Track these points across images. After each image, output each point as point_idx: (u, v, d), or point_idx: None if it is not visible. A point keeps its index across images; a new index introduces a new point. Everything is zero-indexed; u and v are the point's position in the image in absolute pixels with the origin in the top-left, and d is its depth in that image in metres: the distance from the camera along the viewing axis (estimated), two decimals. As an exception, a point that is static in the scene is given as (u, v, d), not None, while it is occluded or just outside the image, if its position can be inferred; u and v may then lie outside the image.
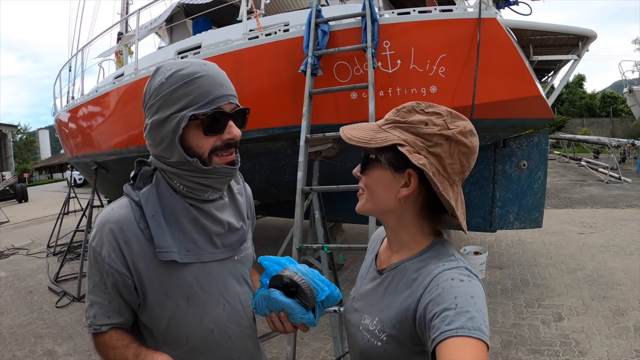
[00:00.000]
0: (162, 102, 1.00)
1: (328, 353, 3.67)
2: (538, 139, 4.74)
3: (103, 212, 1.06)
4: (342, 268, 5.89)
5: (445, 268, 0.85)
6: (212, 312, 1.10)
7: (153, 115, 1.02)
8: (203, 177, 1.04)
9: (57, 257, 7.82)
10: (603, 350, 3.41)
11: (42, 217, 14.54)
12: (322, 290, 1.07)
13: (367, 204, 0.97)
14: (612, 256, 5.75)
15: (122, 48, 7.63)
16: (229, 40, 4.41)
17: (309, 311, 1.07)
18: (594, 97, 35.48)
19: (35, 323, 4.87)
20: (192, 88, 0.97)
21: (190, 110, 0.97)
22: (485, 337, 0.71)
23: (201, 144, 1.01)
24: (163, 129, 1.01)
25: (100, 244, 1.01)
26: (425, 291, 0.83)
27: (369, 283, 1.04)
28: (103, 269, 1.02)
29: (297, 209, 3.19)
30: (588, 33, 4.19)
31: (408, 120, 0.88)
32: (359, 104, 3.90)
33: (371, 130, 0.93)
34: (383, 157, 0.91)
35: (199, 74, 0.98)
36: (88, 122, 6.93)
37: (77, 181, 25.02)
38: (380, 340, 0.90)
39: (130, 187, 1.09)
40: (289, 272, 1.08)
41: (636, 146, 15.32)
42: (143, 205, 1.03)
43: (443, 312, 0.75)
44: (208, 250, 1.09)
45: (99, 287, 1.05)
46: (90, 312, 1.07)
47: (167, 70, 1.00)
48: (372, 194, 0.95)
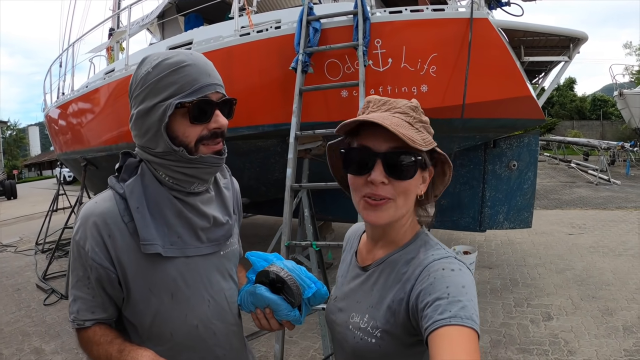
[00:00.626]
0: (148, 91, 0.98)
1: (317, 352, 3.65)
2: (528, 139, 4.76)
3: (87, 206, 1.03)
4: (332, 267, 5.87)
5: (435, 258, 0.86)
6: (196, 308, 1.08)
7: (139, 105, 1.00)
8: (189, 167, 1.02)
9: (46, 255, 7.75)
10: (592, 350, 3.43)
11: (31, 214, 14.38)
12: (308, 287, 1.06)
13: (397, 213, 0.89)
14: (600, 257, 5.80)
15: (113, 44, 7.55)
16: (220, 37, 4.38)
17: (295, 308, 1.05)
18: (585, 100, 35.83)
19: (23, 321, 4.81)
20: (179, 76, 0.96)
21: (177, 99, 0.96)
22: (477, 326, 0.72)
23: (187, 133, 1.00)
24: (149, 118, 0.99)
25: (83, 238, 0.99)
26: (416, 282, 0.84)
27: (352, 281, 1.03)
28: (86, 263, 0.99)
29: (285, 206, 3.18)
30: (579, 35, 4.21)
31: (425, 120, 0.91)
32: (349, 102, 3.89)
33: (411, 129, 0.86)
34: (426, 158, 0.89)
35: (186, 63, 0.97)
36: (78, 118, 6.86)
37: (67, 178, 24.80)
38: (374, 336, 0.89)
39: (115, 179, 1.06)
40: (275, 267, 1.07)
41: (626, 149, 15.48)
42: (128, 197, 1.01)
43: (435, 302, 0.75)
44: (192, 244, 1.06)
45: (82, 281, 1.02)
46: (74, 307, 1.04)
47: (154, 59, 0.99)
48: (407, 199, 0.89)
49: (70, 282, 1.06)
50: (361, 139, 0.89)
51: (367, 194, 0.88)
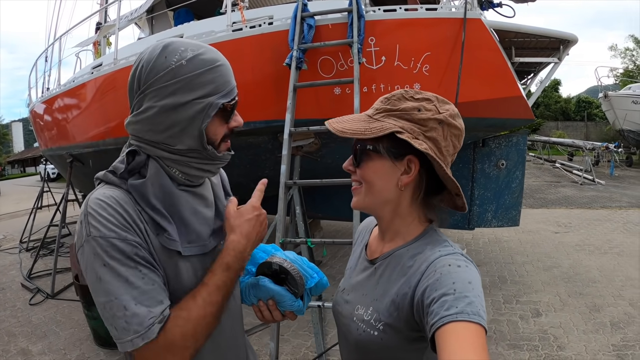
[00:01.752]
0: (181, 85, 0.90)
1: (309, 349, 3.65)
2: (517, 139, 4.82)
3: (92, 199, 0.88)
4: (321, 264, 5.87)
5: (442, 254, 0.85)
6: None
7: (164, 98, 0.90)
8: (209, 163, 1.00)
9: (31, 253, 7.61)
10: (581, 345, 3.49)
11: (15, 211, 14.12)
12: (311, 277, 1.05)
13: (366, 198, 0.95)
14: (587, 255, 5.90)
15: (100, 38, 7.44)
16: (212, 32, 4.35)
17: (298, 298, 1.04)
18: (569, 102, 36.39)
19: (8, 321, 4.71)
20: (215, 76, 0.93)
21: (217, 98, 0.94)
22: (484, 322, 0.71)
23: (218, 132, 0.99)
24: (178, 114, 0.91)
25: (110, 227, 0.84)
26: (422, 277, 0.83)
27: (360, 273, 1.03)
28: (128, 250, 0.85)
29: (280, 203, 3.16)
30: (569, 37, 4.27)
31: (400, 108, 0.89)
32: (342, 100, 3.89)
33: (362, 121, 0.91)
34: (381, 146, 0.90)
35: (220, 62, 0.95)
36: (64, 113, 6.74)
37: (51, 175, 24.36)
38: (377, 329, 0.89)
39: (114, 176, 0.95)
40: (278, 259, 1.05)
41: (610, 150, 15.76)
42: (138, 198, 0.92)
43: (442, 297, 0.74)
44: (207, 240, 1.02)
45: (135, 275, 0.84)
46: (142, 312, 0.82)
47: (183, 50, 0.91)
48: (371, 186, 0.93)
49: (114, 293, 0.82)
50: None
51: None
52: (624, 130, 18.17)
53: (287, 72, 3.72)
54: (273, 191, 3.31)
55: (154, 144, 0.95)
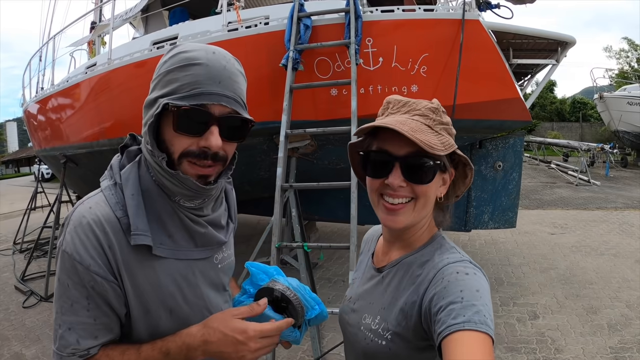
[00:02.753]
0: (157, 81, 0.89)
1: (305, 353, 3.61)
2: (513, 140, 4.80)
3: (79, 211, 0.88)
4: (317, 267, 5.84)
5: (450, 261, 0.84)
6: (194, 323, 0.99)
7: (150, 94, 0.91)
8: (167, 179, 0.90)
9: (24, 255, 7.53)
10: (578, 348, 3.48)
11: (9, 212, 13.98)
12: (312, 309, 1.02)
13: (415, 215, 0.89)
14: (583, 256, 5.90)
15: (95, 38, 7.38)
16: (207, 32, 4.30)
17: (296, 328, 1.01)
18: (564, 102, 36.56)
19: (1, 324, 4.65)
20: (184, 74, 0.85)
21: (170, 98, 0.85)
22: (491, 331, 0.71)
23: (173, 142, 0.88)
24: (149, 110, 0.90)
25: (80, 250, 0.84)
26: (430, 285, 0.83)
27: (367, 282, 1.02)
28: (85, 279, 0.84)
29: (276, 206, 3.13)
30: (567, 39, 4.26)
31: (446, 122, 0.89)
32: (338, 101, 3.86)
33: (430, 133, 0.85)
34: (446, 162, 0.89)
35: (198, 61, 0.85)
36: (58, 113, 6.67)
37: (45, 175, 24.23)
38: (385, 339, 0.88)
39: (117, 162, 0.97)
40: (280, 285, 1.01)
41: (605, 150, 15.81)
42: (123, 184, 0.91)
43: (449, 306, 0.74)
44: (185, 247, 0.97)
45: (80, 303, 0.85)
46: (70, 338, 0.85)
47: (178, 49, 0.89)
48: (427, 202, 0.89)
49: (60, 307, 0.86)
50: (380, 141, 0.89)
51: (386, 197, 0.89)
52: (619, 131, 18.26)
53: (283, 73, 3.68)
54: (267, 193, 3.28)
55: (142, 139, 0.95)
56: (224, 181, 1.05)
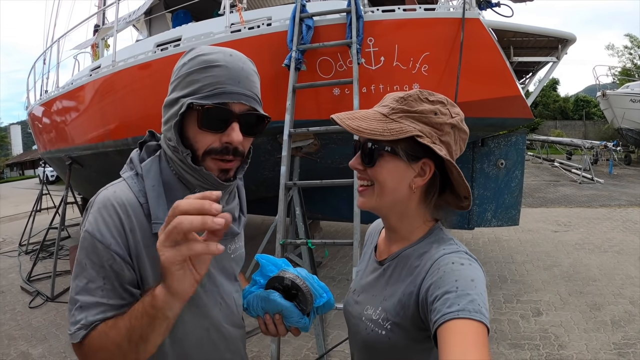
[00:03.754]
0: (177, 82, 0.94)
1: (310, 351, 3.64)
2: (516, 138, 4.82)
3: (103, 194, 0.93)
4: (321, 265, 5.87)
5: (446, 252, 0.86)
6: (210, 310, 1.04)
7: (169, 94, 0.96)
8: (190, 174, 0.96)
9: (30, 256, 7.59)
10: (582, 344, 3.49)
11: (14, 214, 14.08)
12: (320, 296, 1.06)
13: (377, 199, 0.93)
14: (586, 253, 5.90)
15: (98, 41, 7.43)
16: (210, 33, 4.34)
17: (305, 315, 1.05)
18: (567, 101, 36.47)
19: (8, 324, 4.69)
20: (205, 75, 0.90)
21: (193, 98, 0.90)
22: (486, 320, 0.72)
23: (197, 139, 0.93)
24: (170, 109, 0.95)
25: (102, 228, 0.87)
26: (426, 275, 0.84)
27: (370, 275, 1.04)
28: (104, 258, 0.86)
29: (280, 204, 3.16)
30: (568, 36, 4.27)
31: (418, 110, 0.88)
32: (341, 100, 3.89)
33: (378, 121, 0.89)
34: (399, 148, 0.89)
35: (218, 63, 0.90)
36: (62, 115, 6.73)
37: (50, 178, 24.31)
38: (385, 328, 0.90)
39: (137, 155, 1.02)
40: (290, 274, 1.05)
41: (608, 148, 15.78)
42: (144, 175, 0.96)
43: (444, 295, 0.75)
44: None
45: (96, 282, 0.86)
46: (80, 316, 0.85)
47: (196, 52, 0.94)
48: (383, 187, 0.92)
49: (75, 286, 0.87)
50: None
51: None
52: (623, 128, 18.20)
53: (286, 73, 3.71)
54: (271, 193, 3.31)
55: (163, 134, 1.00)
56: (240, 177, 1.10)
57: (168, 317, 0.78)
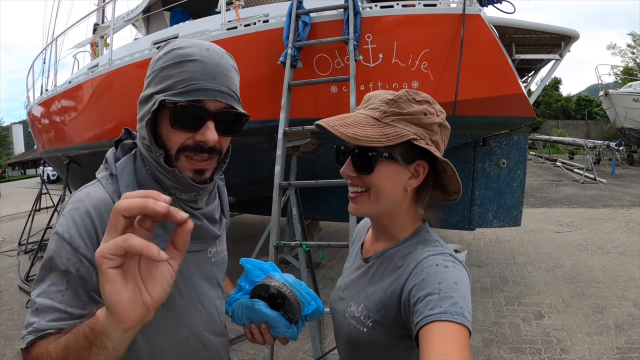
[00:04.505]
0: (152, 78, 0.90)
1: (307, 354, 3.58)
2: (518, 138, 4.75)
3: (76, 195, 0.89)
4: (320, 266, 5.80)
5: (430, 254, 0.86)
6: (188, 318, 0.99)
7: (144, 90, 0.92)
8: (164, 175, 0.91)
9: (29, 256, 7.54)
10: (585, 348, 3.41)
11: (14, 214, 14.08)
12: (308, 304, 1.02)
13: (371, 205, 0.91)
14: (589, 255, 5.82)
15: (97, 39, 7.38)
16: (206, 31, 4.29)
17: (292, 324, 1.01)
18: (570, 100, 36.34)
19: (5, 324, 4.65)
20: (178, 71, 0.86)
21: (165, 95, 0.85)
22: (468, 323, 0.71)
23: (170, 137, 0.88)
24: (144, 106, 0.91)
25: (72, 230, 0.82)
26: (410, 276, 0.84)
27: (355, 271, 1.05)
28: (70, 261, 0.80)
29: (274, 205, 3.10)
30: (571, 33, 4.20)
31: (409, 112, 0.86)
32: (338, 98, 3.83)
33: (372, 126, 0.86)
34: (397, 153, 0.87)
35: (193, 57, 0.86)
36: (60, 115, 6.69)
37: (51, 177, 24.37)
38: (366, 326, 0.90)
39: (112, 155, 0.98)
40: (275, 282, 1.01)
41: (611, 148, 15.68)
42: (119, 175, 0.92)
43: (427, 297, 0.75)
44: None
45: (58, 286, 0.81)
46: (33, 319, 0.79)
47: (171, 45, 0.90)
48: (379, 192, 0.89)
49: (38, 287, 0.82)
50: None
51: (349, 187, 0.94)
52: (625, 128, 18.10)
53: (282, 71, 3.65)
54: (269, 192, 3.25)
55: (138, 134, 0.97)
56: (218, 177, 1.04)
57: (106, 347, 0.61)
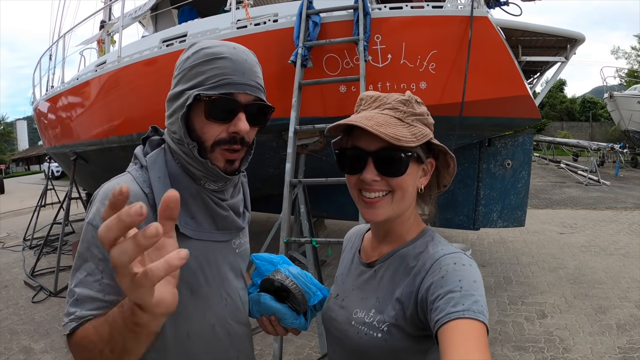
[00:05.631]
0: (181, 76, 0.96)
1: (313, 350, 3.62)
2: (523, 139, 4.78)
3: (107, 186, 0.92)
4: (325, 264, 5.84)
5: (446, 252, 0.86)
6: (214, 306, 1.03)
7: (173, 88, 0.97)
8: (196, 167, 0.96)
9: (34, 251, 7.59)
10: (587, 347, 3.45)
11: (19, 209, 14.13)
12: (314, 295, 1.05)
13: (396, 208, 0.90)
14: (592, 256, 5.85)
15: (104, 36, 7.43)
16: (216, 29, 4.32)
17: (301, 315, 1.05)
18: (574, 102, 36.28)
19: (11, 319, 4.70)
20: (210, 67, 0.91)
21: (199, 90, 0.91)
22: (487, 321, 0.73)
23: (205, 130, 0.94)
24: (175, 102, 0.96)
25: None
26: (427, 274, 0.84)
27: (357, 278, 1.02)
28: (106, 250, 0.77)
29: (284, 202, 3.13)
30: (577, 36, 4.23)
31: (419, 112, 0.89)
32: (347, 97, 3.86)
33: (399, 126, 0.86)
34: (421, 152, 0.90)
35: (223, 55, 0.92)
36: (68, 111, 6.74)
37: (55, 173, 24.43)
38: (381, 331, 0.87)
39: (141, 150, 1.02)
40: (280, 275, 1.05)
41: (615, 150, 15.66)
42: (149, 167, 0.96)
43: (448, 294, 0.75)
44: (207, 229, 1.01)
45: (94, 276, 0.84)
46: (73, 309, 0.83)
47: (199, 45, 0.96)
48: (405, 194, 0.90)
49: (75, 277, 0.85)
50: (353, 138, 0.92)
51: (364, 192, 0.91)
52: (630, 130, 18.09)
53: (292, 69, 3.69)
54: (276, 190, 3.29)
55: (167, 128, 1.02)
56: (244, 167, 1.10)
57: (141, 325, 0.65)
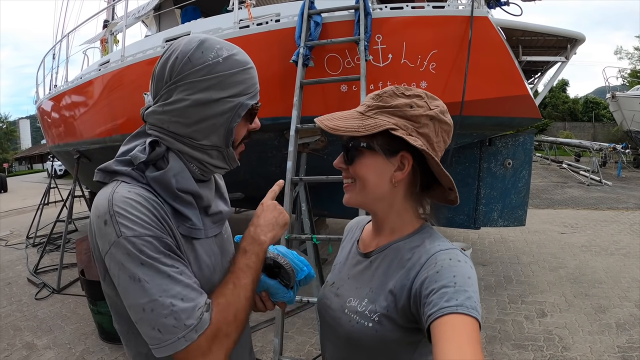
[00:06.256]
0: (216, 82, 0.90)
1: (313, 346, 3.65)
2: (523, 138, 4.79)
3: (121, 195, 0.84)
4: (326, 262, 5.86)
5: (442, 248, 0.87)
6: None
7: (197, 92, 0.90)
8: (222, 162, 1.01)
9: (37, 249, 7.65)
10: (586, 346, 3.47)
11: (22, 207, 14.22)
12: (301, 270, 1.10)
13: (359, 195, 0.96)
14: (593, 256, 5.86)
15: (107, 36, 7.48)
16: (219, 29, 4.36)
17: (289, 290, 1.09)
18: (577, 102, 36.21)
19: (14, 315, 4.75)
20: (247, 77, 0.95)
21: (247, 98, 0.96)
22: (480, 318, 0.73)
23: (240, 133, 1.01)
24: (209, 109, 0.91)
25: (145, 224, 0.82)
26: (422, 269, 0.84)
27: (353, 267, 1.04)
28: (165, 247, 0.84)
29: (286, 199, 3.16)
30: (577, 35, 4.24)
31: (393, 105, 0.90)
32: (348, 97, 3.89)
33: (354, 119, 0.92)
34: (375, 143, 0.91)
35: (251, 65, 0.97)
36: (71, 110, 6.79)
37: (58, 172, 24.48)
38: (372, 320, 0.89)
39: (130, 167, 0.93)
40: (271, 253, 1.09)
41: (617, 150, 15.64)
42: (165, 184, 0.91)
43: (442, 289, 0.76)
44: (209, 226, 1.05)
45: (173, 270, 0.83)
46: (187, 305, 0.81)
47: (219, 49, 0.92)
48: (365, 183, 0.94)
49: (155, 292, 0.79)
50: None
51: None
52: (632, 131, 18.05)
53: (293, 69, 3.72)
54: (279, 188, 3.32)
55: (178, 136, 0.94)
56: None
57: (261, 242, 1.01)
